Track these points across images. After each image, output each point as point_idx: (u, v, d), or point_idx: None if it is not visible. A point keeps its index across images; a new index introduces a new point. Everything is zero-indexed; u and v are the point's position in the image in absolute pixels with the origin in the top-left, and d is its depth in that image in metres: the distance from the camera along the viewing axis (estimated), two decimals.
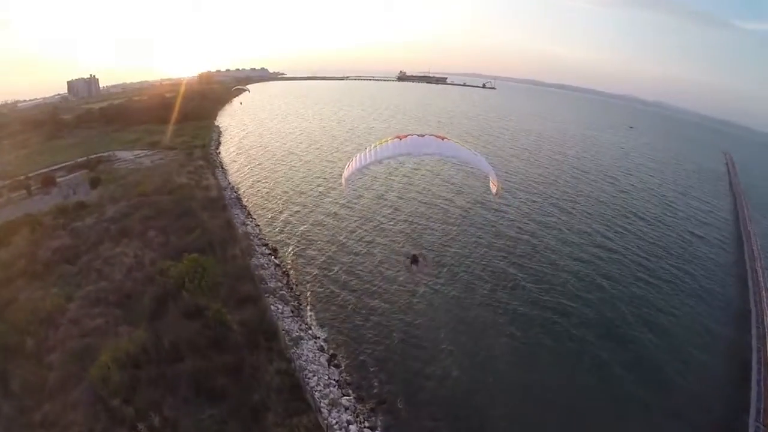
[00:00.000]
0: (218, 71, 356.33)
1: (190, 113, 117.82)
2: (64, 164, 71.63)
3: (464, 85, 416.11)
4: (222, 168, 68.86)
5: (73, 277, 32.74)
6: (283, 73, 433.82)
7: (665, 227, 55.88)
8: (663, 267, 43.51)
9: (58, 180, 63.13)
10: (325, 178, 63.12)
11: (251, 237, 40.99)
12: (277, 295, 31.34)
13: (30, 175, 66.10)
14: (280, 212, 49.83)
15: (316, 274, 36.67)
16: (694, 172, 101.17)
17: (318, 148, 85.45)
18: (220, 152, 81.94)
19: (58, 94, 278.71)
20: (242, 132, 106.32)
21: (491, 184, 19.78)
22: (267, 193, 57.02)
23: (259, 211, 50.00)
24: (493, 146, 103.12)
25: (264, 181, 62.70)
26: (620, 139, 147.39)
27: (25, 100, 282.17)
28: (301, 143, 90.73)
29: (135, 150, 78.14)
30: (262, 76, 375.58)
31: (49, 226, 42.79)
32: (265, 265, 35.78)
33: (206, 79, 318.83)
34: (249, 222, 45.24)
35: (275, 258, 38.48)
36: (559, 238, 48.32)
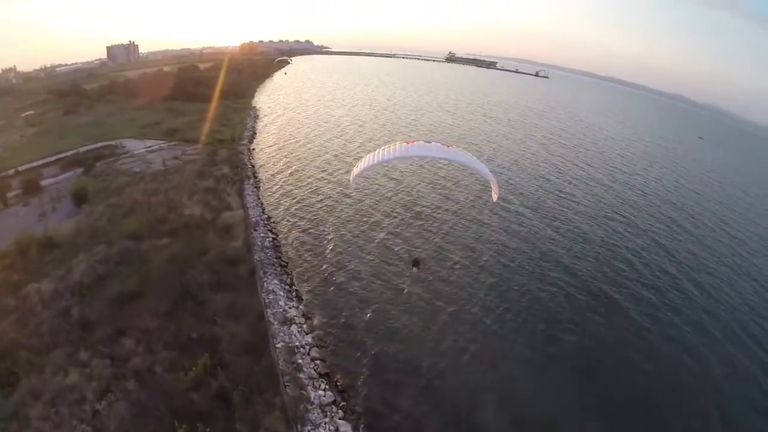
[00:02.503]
0: (261, 42, 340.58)
1: (225, 90, 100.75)
2: (63, 154, 56.73)
3: (516, 71, 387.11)
4: (254, 178, 50.40)
5: None
6: (327, 47, 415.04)
7: None
8: None
9: (44, 183, 47.72)
10: (383, 223, 42.19)
11: (299, 357, 22.71)
12: None
13: (20, 168, 51.94)
14: (329, 280, 31.28)
15: None
16: None
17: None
18: (253, 149, 63.59)
19: (99, 60, 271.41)
20: (282, 118, 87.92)
21: (493, 191, 20.65)
22: (312, 235, 37.87)
23: (306, 281, 31.06)
24: (573, 156, 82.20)
25: (308, 207, 43.62)
26: (699, 155, 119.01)
27: (65, 64, 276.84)
28: (350, 142, 71.75)
29: (148, 140, 61.82)
30: (306, 48, 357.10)
31: None
32: None
33: (248, 49, 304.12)
34: (293, 311, 26.26)
35: (347, 416, 20.26)
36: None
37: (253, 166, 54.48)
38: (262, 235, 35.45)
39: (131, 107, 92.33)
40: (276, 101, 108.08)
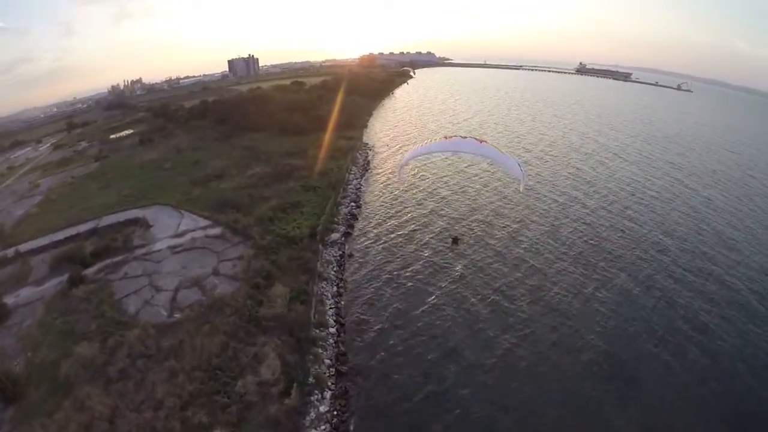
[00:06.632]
0: (381, 54, 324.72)
1: (329, 119, 74.78)
2: (76, 229, 39.02)
3: (656, 84, 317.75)
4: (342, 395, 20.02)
5: None
6: (450, 59, 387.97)
7: None
8: None
9: (17, 300, 26.59)
10: None
11: None
12: None
13: (20, 249, 35.77)
14: None
15: None
16: None
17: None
18: (350, 256, 33.73)
19: (221, 72, 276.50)
20: (402, 161, 59.07)
21: (520, 185, 21.76)
22: None
23: None
24: None
25: None
26: None
27: (190, 77, 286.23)
28: (525, 227, 39.92)
29: (188, 214, 37.85)
30: (428, 61, 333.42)
31: None
32: None
33: (367, 62, 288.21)
34: None
35: None
36: None
37: (338, 333, 23.83)
38: None
39: (211, 137, 71.77)
40: (397, 133, 79.28)
